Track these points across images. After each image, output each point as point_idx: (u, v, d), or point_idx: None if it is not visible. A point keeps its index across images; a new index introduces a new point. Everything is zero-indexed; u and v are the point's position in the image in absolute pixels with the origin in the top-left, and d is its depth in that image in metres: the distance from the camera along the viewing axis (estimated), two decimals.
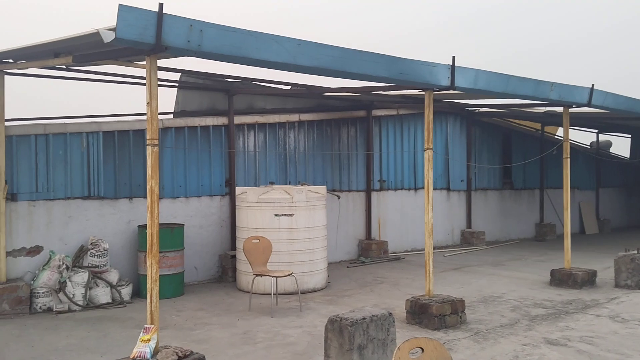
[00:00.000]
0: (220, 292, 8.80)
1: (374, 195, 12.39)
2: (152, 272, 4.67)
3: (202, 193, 9.62)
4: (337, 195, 11.25)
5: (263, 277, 7.77)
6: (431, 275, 7.05)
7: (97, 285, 7.99)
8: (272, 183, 10.13)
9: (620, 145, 21.30)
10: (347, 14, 44.49)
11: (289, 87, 10.51)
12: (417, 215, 12.76)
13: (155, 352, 4.63)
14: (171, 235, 8.50)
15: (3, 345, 6.14)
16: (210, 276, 9.65)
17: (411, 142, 13.13)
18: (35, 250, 8.00)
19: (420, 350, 3.01)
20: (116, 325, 6.94)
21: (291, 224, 8.65)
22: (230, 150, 9.85)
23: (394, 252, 12.51)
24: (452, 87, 6.79)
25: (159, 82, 9.46)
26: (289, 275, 7.59)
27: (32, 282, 7.70)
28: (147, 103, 4.67)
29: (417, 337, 3.03)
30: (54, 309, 7.55)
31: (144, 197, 8.84)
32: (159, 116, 9.37)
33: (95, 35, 4.67)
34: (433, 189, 13.61)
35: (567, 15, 43.77)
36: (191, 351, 4.77)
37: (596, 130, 17.74)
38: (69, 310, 7.59)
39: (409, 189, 13.12)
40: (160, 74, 8.95)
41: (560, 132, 17.08)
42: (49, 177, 8.13)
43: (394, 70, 6.19)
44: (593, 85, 8.66)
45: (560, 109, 9.57)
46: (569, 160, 8.94)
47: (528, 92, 7.76)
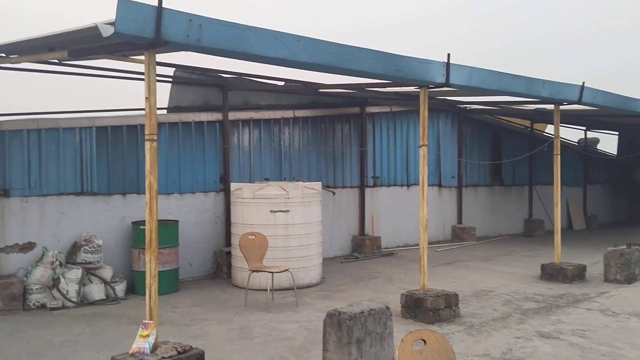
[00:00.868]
0: (215, 288, 8.81)
1: (367, 191, 12.44)
2: (151, 267, 4.68)
3: (196, 189, 9.61)
4: (332, 192, 11.29)
5: (258, 272, 7.79)
6: (425, 270, 7.12)
7: (91, 281, 7.97)
8: (267, 179, 10.15)
9: (608, 142, 21.57)
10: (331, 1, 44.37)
11: (283, 83, 10.53)
12: (409, 211, 12.84)
13: (154, 348, 4.65)
14: (165, 232, 8.49)
15: None
16: (204, 272, 9.65)
17: (404, 139, 13.20)
18: (28, 246, 7.96)
19: (423, 342, 3.06)
20: (111, 321, 6.94)
21: (287, 220, 8.68)
22: (225, 146, 9.85)
23: (387, 248, 12.58)
24: (447, 84, 6.86)
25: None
26: (285, 270, 7.62)
27: (25, 278, 7.66)
28: (146, 98, 4.68)
29: (420, 330, 3.08)
30: (48, 306, 7.52)
31: (138, 193, 8.82)
32: None
33: (93, 30, 4.66)
34: None
35: (557, 8, 44.03)
36: (190, 346, 4.80)
37: (584, 128, 17.93)
38: (63, 307, 7.56)
39: (401, 185, 13.19)
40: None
41: (549, 129, 17.23)
42: (41, 173, 8.08)
43: (391, 67, 6.24)
44: (584, 82, 8.77)
45: (550, 107, 9.68)
46: (559, 157, 9.05)
47: (520, 89, 7.85)
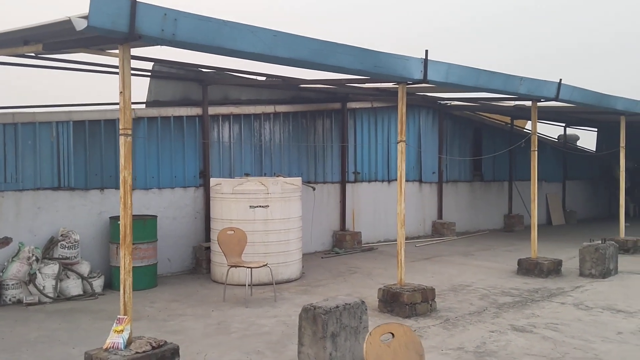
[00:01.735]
0: (194, 283, 8.79)
1: (348, 186, 12.49)
2: (125, 263, 4.66)
3: (175, 184, 9.57)
4: (312, 187, 11.31)
5: (238, 268, 7.79)
6: (403, 265, 7.18)
7: (68, 277, 7.91)
8: (248, 174, 10.12)
9: (587, 138, 21.83)
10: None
11: (264, 78, 10.50)
12: (390, 206, 12.90)
13: (128, 343, 4.63)
14: (144, 227, 8.45)
15: None
16: (184, 268, 9.62)
17: (385, 135, 13.25)
18: (4, 241, 7.87)
19: (391, 335, 3.09)
20: (88, 317, 6.90)
21: (266, 215, 8.68)
22: (205, 142, 9.81)
23: (368, 243, 12.64)
24: (424, 80, 6.89)
25: (131, 71, 9.38)
26: (264, 266, 7.63)
27: (1, 274, 7.58)
28: (120, 92, 4.65)
29: (389, 323, 3.12)
30: (24, 301, 7.45)
31: (116, 188, 8.76)
32: (132, 106, 9.33)
33: (67, 23, 4.61)
34: (405, 180, 13.83)
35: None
36: (165, 341, 4.79)
37: (564, 124, 18.15)
38: (39, 303, 7.50)
39: (382, 181, 13.25)
40: (133, 63, 8.87)
41: (529, 125, 17.40)
42: (17, 167, 7.99)
43: (369, 63, 6.26)
44: (561, 80, 8.87)
45: (529, 103, 9.78)
46: (536, 153, 9.15)
47: (498, 86, 7.92)
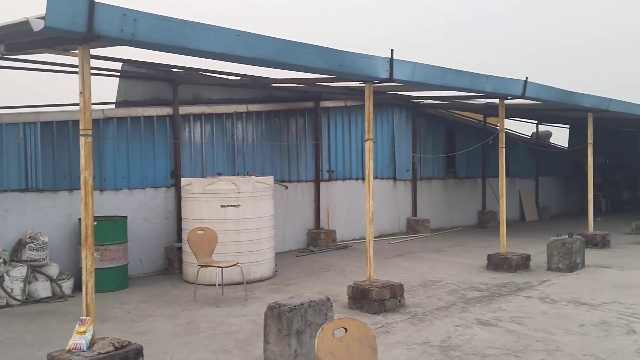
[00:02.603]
0: (166, 284, 8.77)
1: (322, 185, 12.54)
2: (87, 264, 4.65)
3: (146, 185, 9.52)
4: (284, 186, 11.34)
5: (208, 268, 7.79)
6: (372, 262, 7.24)
7: (37, 279, 7.83)
8: (220, 174, 10.12)
9: (560, 135, 22.22)
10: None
11: (238, 78, 10.48)
12: (364, 204, 12.93)
13: (91, 344, 4.62)
14: (114, 228, 8.40)
15: None
16: (156, 268, 9.58)
17: (359, 133, 13.33)
18: None
19: (345, 330, 3.14)
20: (56, 319, 6.85)
21: (238, 214, 8.69)
22: (176, 141, 9.78)
23: (343, 241, 12.71)
24: (391, 79, 6.96)
25: (99, 72, 9.34)
26: (234, 265, 7.64)
27: None
28: (80, 93, 4.62)
29: (342, 318, 3.17)
30: None
31: None
32: (100, 106, 9.29)
33: (25, 24, 4.58)
34: (380, 178, 13.96)
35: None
36: (129, 342, 4.79)
37: (536, 121, 18.43)
38: (7, 305, 7.42)
39: (357, 179, 13.32)
40: (101, 63, 8.85)
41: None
42: None
43: (333, 62, 6.31)
44: (527, 77, 9.04)
45: (497, 101, 9.93)
46: (504, 150, 9.31)
47: (464, 84, 8.04)
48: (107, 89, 10.13)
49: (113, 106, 9.68)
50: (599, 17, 44.59)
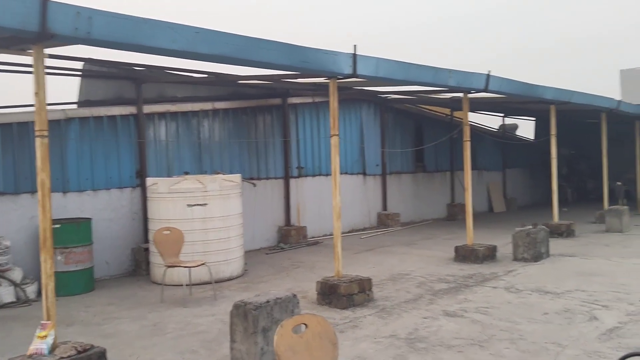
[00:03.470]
0: (133, 285, 8.66)
1: (292, 182, 12.52)
2: (46, 267, 4.57)
3: (111, 185, 9.38)
4: (252, 183, 11.29)
5: (176, 268, 7.72)
6: (340, 257, 7.26)
7: (0, 284, 7.65)
8: (187, 173, 10.00)
9: (526, 127, 22.63)
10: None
11: (203, 75, 10.38)
12: None
13: (53, 348, 4.54)
14: (77, 230, 8.25)
15: None
16: (123, 270, 9.45)
17: (328, 129, 13.29)
18: None
19: (305, 326, 3.15)
20: (19, 324, 6.70)
21: (205, 213, 8.62)
22: (140, 141, 9.65)
23: (313, 237, 12.72)
24: (354, 75, 6.99)
25: (60, 71, 9.14)
26: (202, 265, 7.58)
27: None
28: (35, 93, 4.53)
29: (302, 314, 3.18)
30: None
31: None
32: (62, 106, 9.11)
33: None
34: (349, 174, 14.02)
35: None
36: (92, 345, 4.72)
37: (502, 114, 18.71)
38: None
39: (327, 175, 13.31)
40: (61, 63, 8.68)
41: (470, 116, 17.88)
42: None
43: (296, 58, 6.30)
44: (489, 71, 9.16)
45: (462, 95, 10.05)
46: (469, 143, 9.42)
47: (428, 79, 8.11)
48: (69, 89, 9.95)
49: (75, 106, 9.50)
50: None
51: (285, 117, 12.23)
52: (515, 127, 21.40)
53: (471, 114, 17.10)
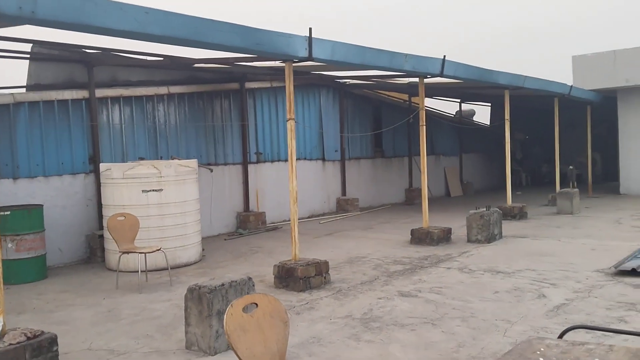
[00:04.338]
0: (87, 272, 8.51)
1: (251, 167, 12.47)
2: None
3: (63, 171, 9.14)
4: (209, 169, 11.19)
5: (131, 254, 7.61)
6: (297, 241, 7.30)
7: None
8: (142, 158, 9.86)
9: (483, 113, 23.06)
10: None
11: (159, 58, 10.16)
12: None
13: (2, 335, 4.43)
14: (28, 217, 8.03)
15: None
16: (77, 257, 9.26)
17: (286, 115, 13.28)
18: None
19: (256, 305, 3.16)
20: None
21: (160, 199, 8.51)
22: (93, 124, 9.42)
23: (273, 223, 12.72)
24: (310, 58, 6.98)
25: (7, 54, 8.83)
26: (158, 250, 7.50)
27: None
28: None
29: (252, 294, 3.19)
30: None
31: (11, 178, 8.38)
32: (10, 90, 8.80)
33: None
34: (309, 159, 14.05)
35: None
36: (42, 331, 4.62)
37: (459, 100, 19.03)
38: None
39: (286, 161, 13.31)
40: (9, 45, 8.38)
41: (427, 102, 18.12)
42: None
43: (250, 40, 6.25)
44: (445, 56, 9.29)
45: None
46: (424, 127, 9.56)
47: (384, 63, 8.17)
48: (17, 72, 9.62)
49: (24, 90, 9.20)
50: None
51: (243, 102, 12.13)
52: (472, 112, 21.80)
53: (429, 100, 17.36)
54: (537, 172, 22.96)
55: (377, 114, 16.37)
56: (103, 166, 8.74)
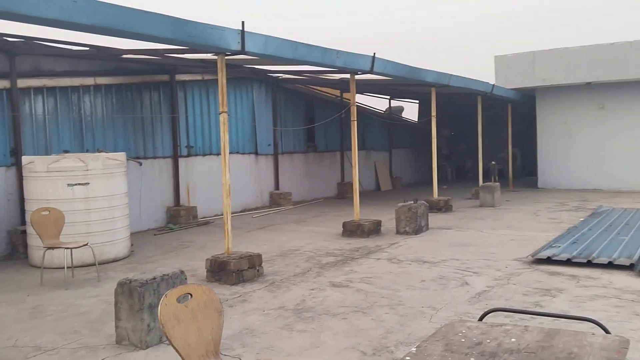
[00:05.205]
0: (9, 269, 8.15)
1: (181, 161, 12.29)
2: None
3: None
4: (138, 162, 10.95)
5: (56, 250, 7.36)
6: (229, 234, 7.32)
7: None
8: (67, 151, 9.49)
9: (411, 110, 23.77)
10: None
11: (86, 48, 9.80)
12: None
13: None
14: None
15: None
16: None
17: (218, 108, 13.18)
18: None
19: (190, 295, 3.20)
20: None
21: (87, 193, 8.26)
22: (15, 115, 9.00)
23: (204, 217, 12.61)
24: (242, 51, 6.99)
25: None
26: (84, 246, 7.29)
27: None
28: None
29: (187, 285, 3.22)
30: None
31: None
32: None
33: None
34: (241, 153, 14.01)
35: None
36: None
37: (389, 97, 19.50)
38: None
39: (217, 154, 13.21)
40: None
41: (359, 98, 18.46)
42: None
43: (181, 32, 6.19)
44: (375, 53, 9.53)
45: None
46: (355, 122, 9.78)
47: (316, 59, 8.29)
48: None
49: None
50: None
51: (174, 94, 11.93)
52: (401, 109, 22.40)
53: (360, 97, 17.71)
54: (462, 167, 23.90)
55: (309, 109, 16.54)
56: (25, 159, 8.37)
